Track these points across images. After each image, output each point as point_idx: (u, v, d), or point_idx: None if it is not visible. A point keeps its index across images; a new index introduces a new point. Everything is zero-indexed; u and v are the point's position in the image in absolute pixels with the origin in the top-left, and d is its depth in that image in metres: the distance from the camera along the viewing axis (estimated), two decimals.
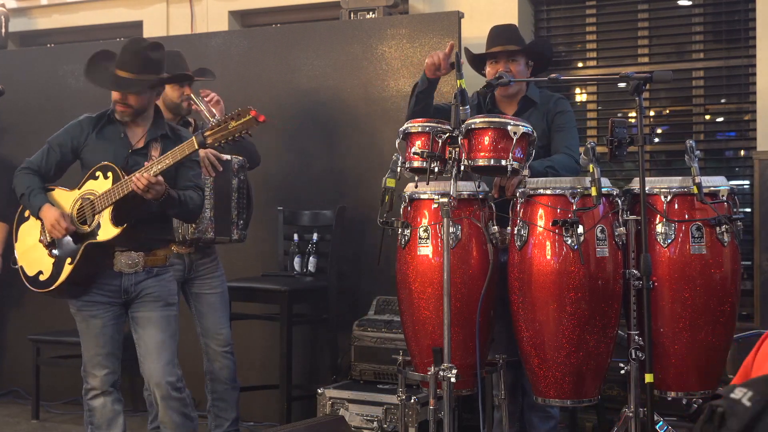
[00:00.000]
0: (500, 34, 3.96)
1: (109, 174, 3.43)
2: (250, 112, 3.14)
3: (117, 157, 3.49)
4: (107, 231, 3.41)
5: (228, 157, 4.18)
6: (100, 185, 3.44)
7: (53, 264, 3.51)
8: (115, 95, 3.51)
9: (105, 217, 3.41)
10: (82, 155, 3.56)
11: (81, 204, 3.48)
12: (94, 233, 3.44)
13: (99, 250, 3.44)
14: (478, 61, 4.06)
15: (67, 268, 3.47)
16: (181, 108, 4.19)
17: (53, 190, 3.59)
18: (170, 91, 4.10)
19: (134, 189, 3.30)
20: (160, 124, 3.61)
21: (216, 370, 4.27)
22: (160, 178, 3.31)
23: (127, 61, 3.47)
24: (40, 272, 3.56)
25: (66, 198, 3.54)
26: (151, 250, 3.51)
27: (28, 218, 3.63)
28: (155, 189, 3.29)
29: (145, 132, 3.56)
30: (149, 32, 5.90)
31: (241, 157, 4.31)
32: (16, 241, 3.69)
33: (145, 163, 3.43)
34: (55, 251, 3.53)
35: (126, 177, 3.37)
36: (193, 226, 4.01)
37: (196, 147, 3.29)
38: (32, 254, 3.59)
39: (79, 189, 3.51)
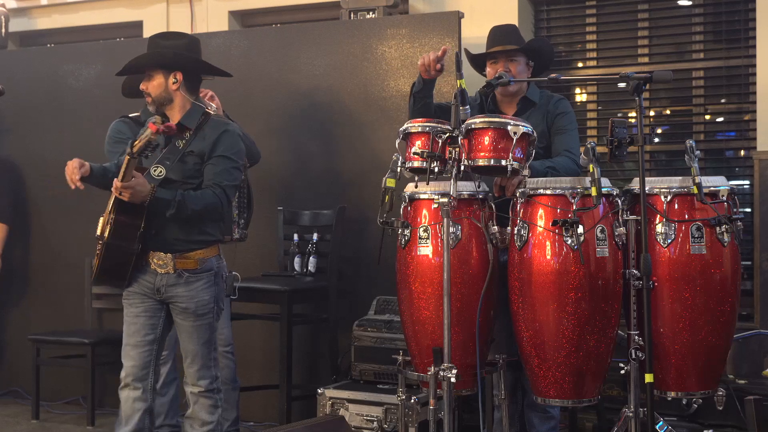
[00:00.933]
0: (499, 34, 3.95)
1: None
2: (149, 125, 3.23)
3: None
4: (106, 230, 3.44)
5: None
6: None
7: (97, 256, 3.59)
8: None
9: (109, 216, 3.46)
10: None
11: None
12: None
13: (113, 247, 3.45)
14: (478, 62, 4.06)
15: (97, 263, 3.54)
16: None
17: None
18: None
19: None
20: (188, 119, 3.55)
21: None
22: (129, 182, 3.30)
23: None
24: (95, 264, 3.67)
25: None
26: (181, 252, 3.50)
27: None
28: (127, 192, 3.31)
29: None
30: (149, 32, 5.86)
31: None
32: None
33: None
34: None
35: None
36: None
37: (128, 157, 3.30)
38: (98, 247, 3.69)
39: None
